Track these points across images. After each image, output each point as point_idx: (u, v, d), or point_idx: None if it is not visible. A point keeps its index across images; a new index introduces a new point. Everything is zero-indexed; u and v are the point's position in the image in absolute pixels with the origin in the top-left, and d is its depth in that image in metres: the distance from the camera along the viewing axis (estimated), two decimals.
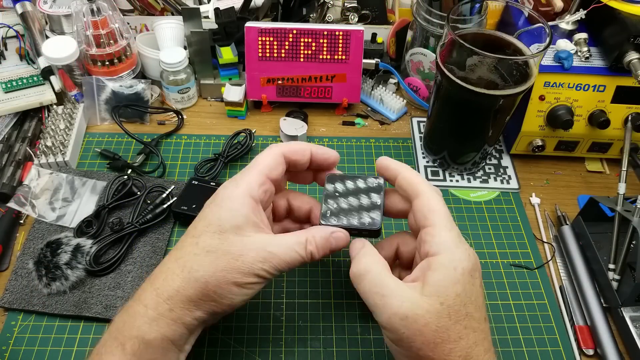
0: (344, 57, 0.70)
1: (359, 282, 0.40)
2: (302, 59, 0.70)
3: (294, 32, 0.68)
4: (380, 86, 0.76)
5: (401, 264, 0.47)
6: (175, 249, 0.42)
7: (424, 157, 0.70)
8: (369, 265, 0.40)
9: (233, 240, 0.40)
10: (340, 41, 0.69)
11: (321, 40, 0.69)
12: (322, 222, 0.44)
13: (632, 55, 0.58)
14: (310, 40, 0.69)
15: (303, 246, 0.41)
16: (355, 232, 0.44)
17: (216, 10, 0.72)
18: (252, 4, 0.77)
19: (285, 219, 0.50)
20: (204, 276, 0.39)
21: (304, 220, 0.49)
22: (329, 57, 0.70)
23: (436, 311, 0.37)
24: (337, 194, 0.45)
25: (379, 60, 0.73)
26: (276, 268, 0.41)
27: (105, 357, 0.39)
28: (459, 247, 0.40)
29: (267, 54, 0.70)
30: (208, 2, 0.80)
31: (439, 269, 0.39)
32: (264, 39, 0.69)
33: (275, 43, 0.69)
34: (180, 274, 0.40)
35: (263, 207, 0.43)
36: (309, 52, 0.70)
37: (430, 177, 0.67)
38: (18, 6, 0.75)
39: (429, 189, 0.43)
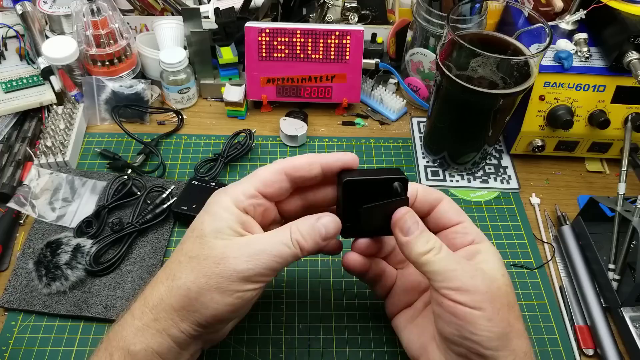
0: (344, 57, 0.70)
1: (426, 264, 0.39)
2: (302, 59, 0.70)
3: (294, 32, 0.68)
4: (380, 86, 0.76)
5: None
6: (169, 259, 0.41)
7: (424, 157, 0.70)
8: (437, 244, 0.39)
9: (214, 244, 0.38)
10: (340, 41, 0.69)
11: (321, 40, 0.69)
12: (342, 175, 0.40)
13: (632, 55, 0.58)
14: (310, 40, 0.69)
15: (288, 236, 0.39)
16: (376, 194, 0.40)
17: (216, 10, 0.72)
18: (252, 4, 0.77)
19: None
20: (186, 283, 0.37)
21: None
22: (329, 57, 0.70)
23: (496, 288, 0.38)
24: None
25: (379, 60, 0.73)
26: (266, 266, 0.38)
27: None
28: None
29: (267, 54, 0.70)
30: (208, 2, 0.80)
31: (488, 252, 0.40)
32: (264, 39, 0.69)
33: (275, 43, 0.69)
34: (165, 282, 0.39)
35: (255, 219, 0.41)
36: (309, 52, 0.70)
37: (430, 177, 0.67)
38: (18, 6, 0.75)
39: (445, 195, 0.45)
